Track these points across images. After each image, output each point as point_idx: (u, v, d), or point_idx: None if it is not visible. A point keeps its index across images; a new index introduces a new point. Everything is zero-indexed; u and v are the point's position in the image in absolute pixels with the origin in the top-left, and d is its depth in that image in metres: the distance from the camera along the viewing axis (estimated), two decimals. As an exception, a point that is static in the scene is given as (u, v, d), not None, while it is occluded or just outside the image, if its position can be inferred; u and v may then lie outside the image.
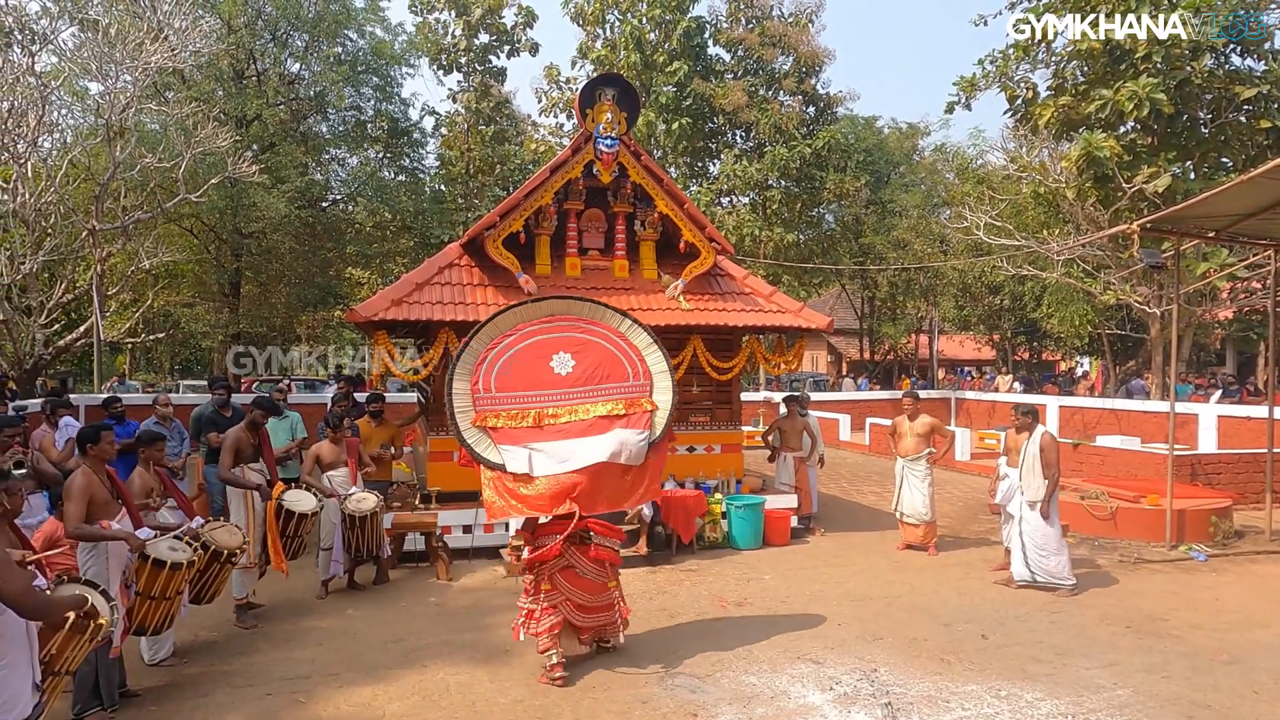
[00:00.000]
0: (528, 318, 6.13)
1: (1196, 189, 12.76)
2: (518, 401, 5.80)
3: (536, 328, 6.10)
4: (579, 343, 6.09)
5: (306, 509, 6.78)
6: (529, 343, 6.04)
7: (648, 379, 6.03)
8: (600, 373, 5.97)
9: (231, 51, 20.83)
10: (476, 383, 5.80)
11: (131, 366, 32.53)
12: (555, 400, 5.84)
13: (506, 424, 5.69)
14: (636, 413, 5.83)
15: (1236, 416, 14.15)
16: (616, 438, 5.62)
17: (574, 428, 5.74)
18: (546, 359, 5.96)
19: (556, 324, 6.15)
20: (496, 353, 5.94)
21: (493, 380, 5.83)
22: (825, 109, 25.50)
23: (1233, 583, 7.92)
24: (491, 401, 5.77)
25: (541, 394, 5.84)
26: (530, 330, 6.08)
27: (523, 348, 6.01)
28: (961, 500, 12.14)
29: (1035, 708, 4.95)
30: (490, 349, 5.94)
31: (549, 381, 5.89)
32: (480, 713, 4.90)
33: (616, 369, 6.01)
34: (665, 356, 6.15)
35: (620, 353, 6.10)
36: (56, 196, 14.52)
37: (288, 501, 6.70)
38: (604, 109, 9.05)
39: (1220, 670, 5.60)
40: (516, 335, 6.03)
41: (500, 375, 5.86)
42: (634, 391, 5.95)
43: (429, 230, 23.36)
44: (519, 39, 26.19)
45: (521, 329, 6.06)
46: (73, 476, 4.84)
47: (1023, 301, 26.93)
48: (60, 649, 3.66)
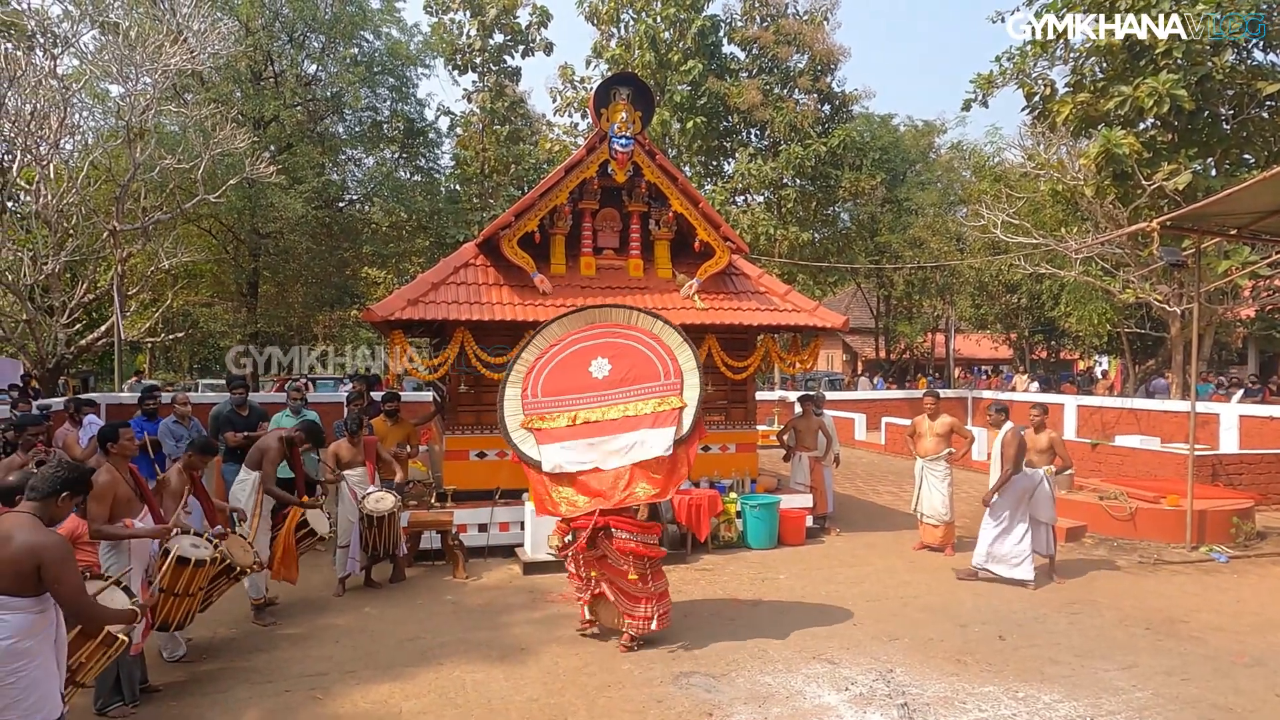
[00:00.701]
0: (571, 327, 6.60)
1: (1218, 186, 12.61)
2: (559, 405, 6.25)
3: (578, 336, 6.57)
4: (615, 347, 6.47)
5: (321, 531, 6.94)
6: (571, 350, 6.50)
7: (678, 377, 6.28)
8: (634, 374, 6.31)
9: (249, 53, 20.97)
10: (525, 390, 6.32)
11: (151, 365, 32.84)
12: (591, 402, 6.22)
13: (549, 425, 6.14)
14: (665, 410, 6.10)
15: (1259, 416, 13.98)
16: (641, 436, 5.93)
17: (606, 426, 6.07)
18: (586, 364, 6.39)
19: (595, 331, 6.58)
20: (544, 361, 6.45)
21: (539, 386, 6.33)
22: (840, 107, 25.39)
23: (1255, 584, 7.83)
24: (537, 406, 6.26)
25: (581, 396, 6.25)
26: (574, 339, 6.55)
27: (566, 355, 6.48)
28: (978, 500, 12.04)
29: (1053, 710, 4.92)
30: (540, 357, 6.45)
31: (587, 385, 6.30)
32: (496, 710, 4.93)
33: (649, 369, 6.33)
34: (694, 354, 6.36)
35: (653, 353, 6.42)
36: (78, 198, 14.69)
37: (313, 519, 6.85)
38: (619, 108, 9.06)
39: (1241, 673, 5.54)
40: (562, 344, 6.52)
41: (546, 381, 6.35)
42: (666, 390, 6.22)
43: (444, 230, 23.45)
44: (533, 39, 26.22)
45: (567, 338, 6.55)
46: (96, 475, 4.88)
47: (1040, 300, 26.65)
48: (89, 658, 3.71)
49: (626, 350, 6.41)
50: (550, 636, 6.21)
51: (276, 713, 4.91)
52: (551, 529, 6.66)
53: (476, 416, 9.21)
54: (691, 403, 6.11)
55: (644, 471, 5.88)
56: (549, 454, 5.99)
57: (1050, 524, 7.90)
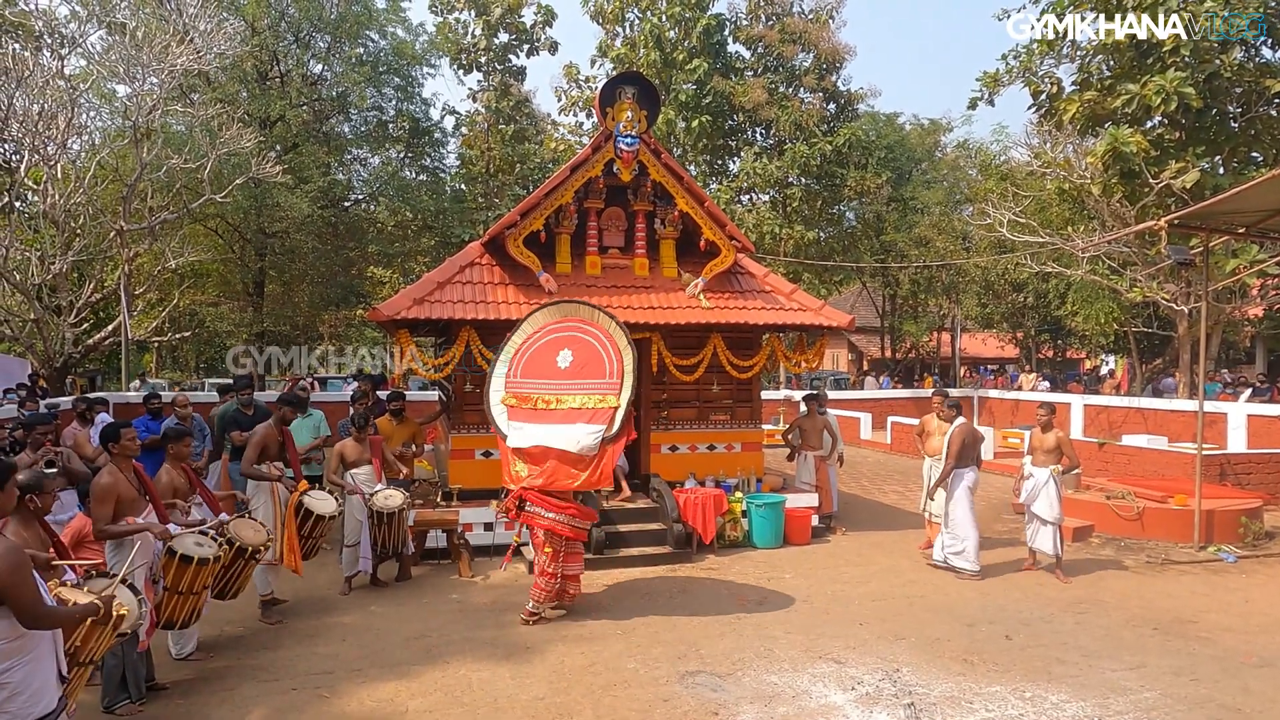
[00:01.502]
0: (552, 317, 7.13)
1: (1226, 184, 12.54)
2: (528, 387, 6.79)
3: (555, 326, 7.08)
4: (578, 341, 6.93)
5: (326, 511, 6.81)
6: (548, 339, 7.01)
7: (619, 377, 6.65)
8: (587, 369, 6.75)
9: (255, 53, 21.05)
10: (510, 370, 6.89)
11: (158, 365, 32.95)
12: (551, 389, 6.73)
13: (518, 404, 6.71)
14: (602, 408, 6.52)
15: (1267, 415, 13.91)
16: (577, 430, 6.39)
17: (556, 415, 6.58)
18: (555, 353, 6.90)
19: (568, 323, 7.07)
20: (527, 345, 6.98)
21: (520, 368, 6.89)
22: (846, 106, 25.31)
23: (1263, 584, 7.79)
24: (515, 385, 6.82)
25: (546, 383, 6.77)
26: (552, 328, 7.07)
27: (544, 343, 6.99)
28: (985, 500, 11.99)
29: (1061, 710, 4.90)
30: (526, 341, 6.99)
31: (552, 373, 6.81)
32: (501, 709, 4.93)
33: (599, 366, 6.75)
34: (634, 357, 6.73)
35: (604, 351, 6.82)
36: (85, 198, 14.77)
37: (309, 501, 6.73)
38: (624, 107, 9.05)
39: (1250, 673, 5.51)
40: (543, 332, 7.04)
41: (525, 365, 6.90)
42: (606, 389, 6.61)
43: (450, 229, 23.51)
44: (538, 38, 26.21)
45: (547, 326, 7.07)
46: (99, 476, 4.90)
47: (1047, 299, 26.58)
48: (84, 641, 3.71)
49: (585, 345, 6.87)
50: (556, 635, 6.22)
51: (283, 711, 4.92)
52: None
53: (482, 416, 9.15)
54: (623, 404, 6.50)
55: (568, 462, 6.35)
56: (513, 430, 6.56)
57: (1057, 524, 7.87)
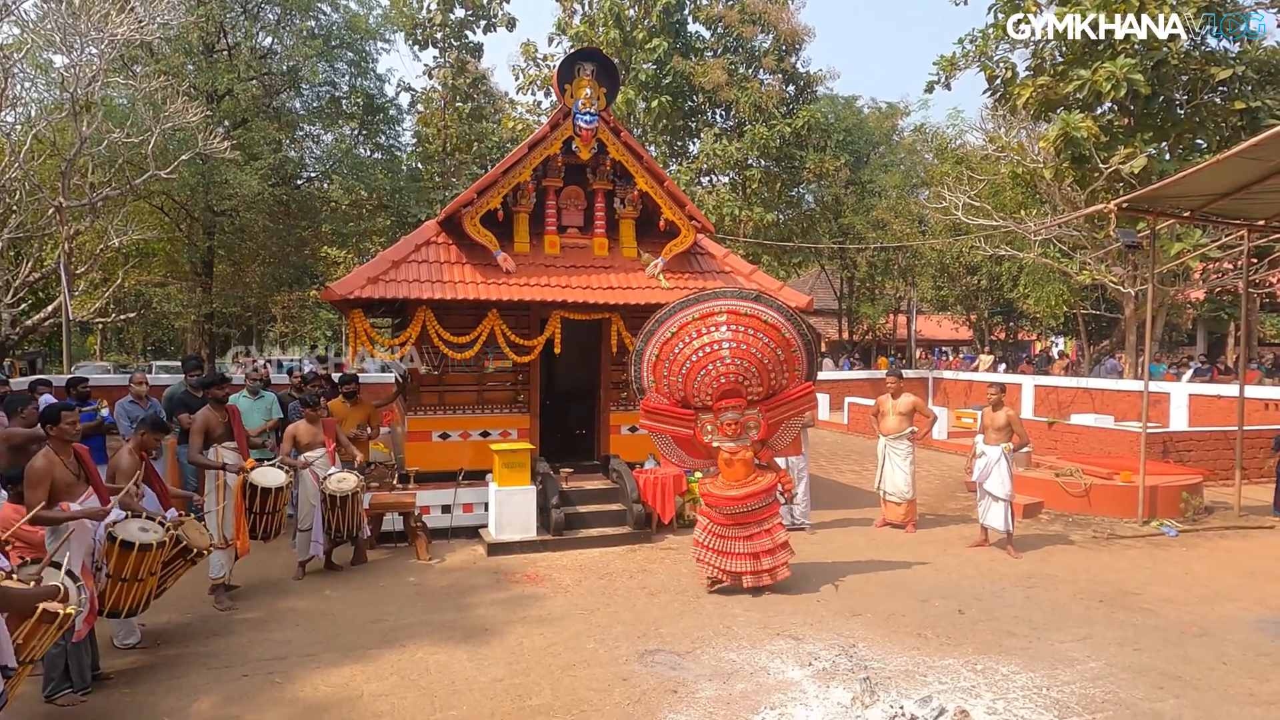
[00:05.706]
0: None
1: (1172, 169, 12.85)
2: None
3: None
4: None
5: (273, 484, 6.67)
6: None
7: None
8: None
9: (201, 24, 20.28)
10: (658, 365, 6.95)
11: (103, 347, 31.94)
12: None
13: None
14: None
15: (1207, 395, 14.38)
16: None
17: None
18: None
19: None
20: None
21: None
22: (805, 88, 25.36)
23: (1203, 557, 8.06)
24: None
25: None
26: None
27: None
28: (939, 478, 12.26)
29: (1011, 680, 5.01)
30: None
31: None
32: (459, 691, 4.88)
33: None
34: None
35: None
36: (21, 172, 14.16)
37: (255, 477, 6.60)
38: (583, 84, 8.93)
39: (1190, 642, 5.70)
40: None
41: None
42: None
43: (406, 208, 23.04)
44: (495, 13, 25.71)
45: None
46: (33, 460, 4.71)
47: (1000, 281, 27.11)
48: (26, 638, 3.57)
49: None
50: (515, 617, 6.18)
51: (233, 698, 4.80)
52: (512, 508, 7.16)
53: (439, 397, 9.09)
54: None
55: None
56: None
57: (1009, 500, 8.04)
